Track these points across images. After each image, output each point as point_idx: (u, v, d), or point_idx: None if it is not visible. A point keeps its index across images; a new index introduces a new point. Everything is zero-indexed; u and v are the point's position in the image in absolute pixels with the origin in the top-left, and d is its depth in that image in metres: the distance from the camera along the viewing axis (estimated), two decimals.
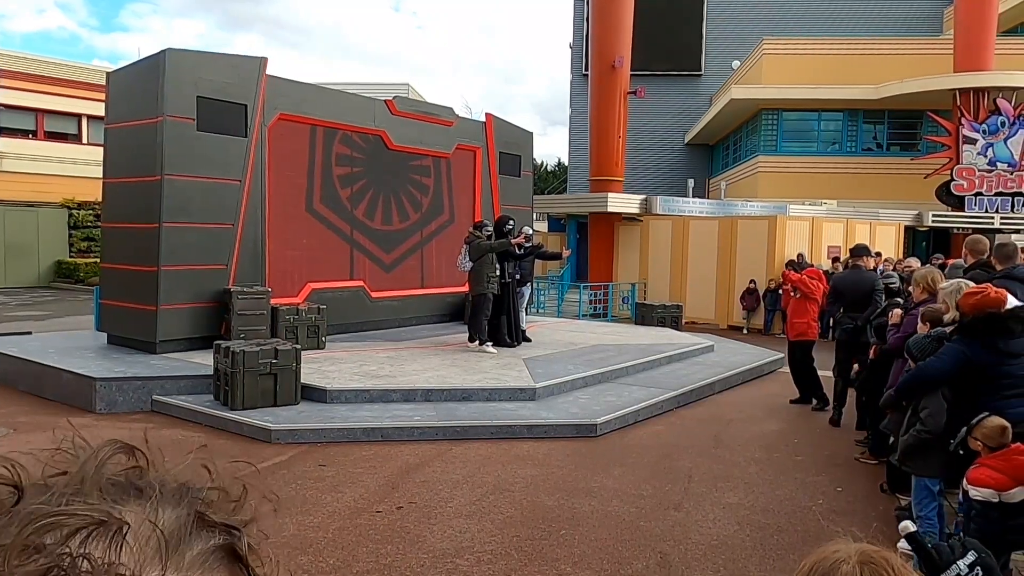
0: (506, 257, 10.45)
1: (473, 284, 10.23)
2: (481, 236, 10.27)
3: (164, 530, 0.45)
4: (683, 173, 32.55)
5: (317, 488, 5.56)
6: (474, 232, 10.44)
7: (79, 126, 25.88)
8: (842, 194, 24.45)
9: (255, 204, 10.04)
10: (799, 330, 8.88)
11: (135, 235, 9.37)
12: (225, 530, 0.48)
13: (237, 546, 0.48)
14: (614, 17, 20.73)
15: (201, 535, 0.47)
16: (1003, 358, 4.37)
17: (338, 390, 7.78)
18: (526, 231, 11.30)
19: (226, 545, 0.47)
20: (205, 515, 0.48)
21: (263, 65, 10.05)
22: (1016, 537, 3.83)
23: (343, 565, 4.32)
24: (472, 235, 10.38)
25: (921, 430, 4.49)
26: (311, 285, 10.97)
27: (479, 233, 10.36)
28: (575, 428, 7.26)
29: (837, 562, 0.97)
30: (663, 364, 10.39)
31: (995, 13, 23.39)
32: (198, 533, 0.46)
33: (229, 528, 0.48)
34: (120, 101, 9.69)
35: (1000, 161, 22.65)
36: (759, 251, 16.72)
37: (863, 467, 6.56)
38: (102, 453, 0.49)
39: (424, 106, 13.62)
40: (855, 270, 8.35)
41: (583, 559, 4.49)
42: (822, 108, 26.08)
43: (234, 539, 0.48)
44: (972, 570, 1.50)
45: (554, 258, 13.36)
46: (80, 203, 24.84)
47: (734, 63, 32.38)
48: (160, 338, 9.11)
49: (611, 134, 20.99)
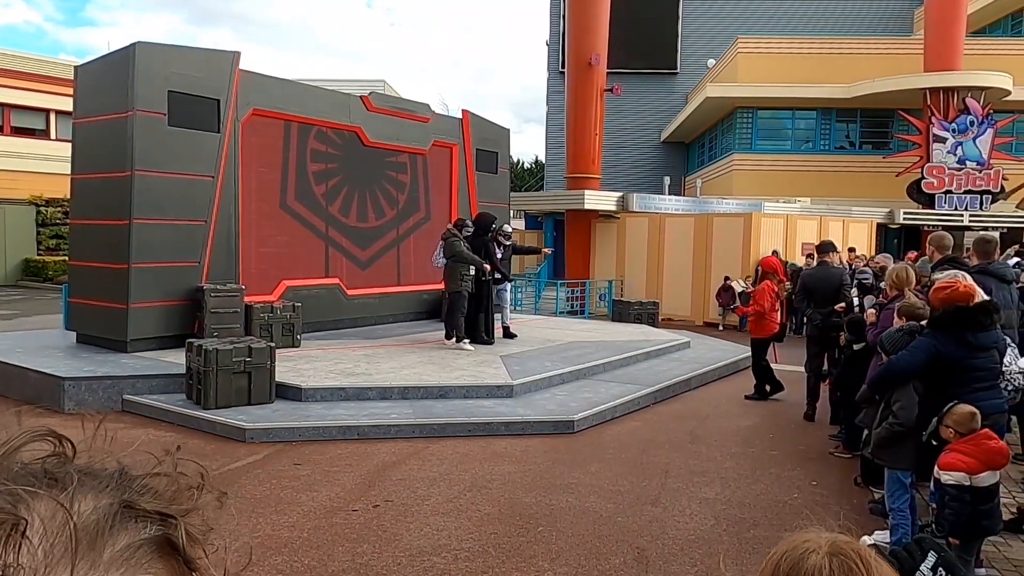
0: (486, 255, 10.42)
1: (448, 281, 10.18)
2: (459, 236, 10.18)
3: (78, 523, 0.40)
4: (659, 171, 32.72)
5: (292, 487, 5.49)
6: (452, 230, 10.36)
7: (47, 121, 25.37)
8: (816, 192, 24.74)
9: (228, 200, 9.91)
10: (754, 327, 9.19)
11: (105, 232, 9.20)
12: (159, 519, 0.44)
13: (172, 536, 0.44)
14: (591, 15, 20.77)
15: (128, 527, 0.42)
16: (972, 351, 4.43)
17: (313, 388, 7.70)
18: (506, 228, 11.33)
19: (159, 537, 0.43)
20: (135, 504, 0.43)
21: (236, 59, 9.91)
22: (988, 522, 3.89)
23: (319, 564, 4.27)
24: (450, 232, 10.29)
25: (893, 423, 4.54)
26: (286, 282, 10.85)
27: (458, 232, 10.26)
28: (552, 425, 7.25)
29: (807, 552, 0.97)
30: (640, 361, 10.43)
31: (964, 14, 23.79)
32: (124, 525, 0.42)
33: (164, 517, 0.44)
34: (89, 95, 9.50)
35: (969, 160, 23.07)
36: (734, 248, 16.85)
37: (837, 461, 6.62)
38: (15, 440, 0.44)
39: (400, 102, 13.53)
40: (822, 266, 8.49)
41: (561, 555, 4.48)
42: (796, 107, 26.37)
43: (169, 529, 0.44)
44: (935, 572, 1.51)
45: (532, 253, 13.41)
46: (48, 200, 24.35)
47: (709, 61, 32.60)
48: (131, 337, 8.95)
49: (588, 132, 21.04)
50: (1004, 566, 4.42)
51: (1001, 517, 4.07)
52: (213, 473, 0.51)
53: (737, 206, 20.95)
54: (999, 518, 4.01)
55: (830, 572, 0.93)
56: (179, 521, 0.45)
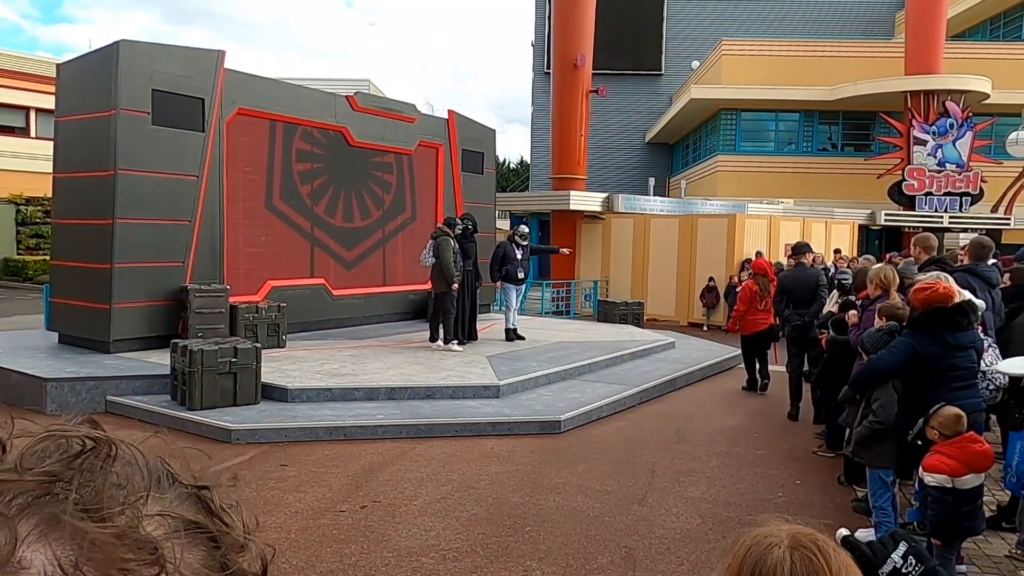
0: (465, 257, 10.40)
1: (436, 282, 10.12)
2: (451, 236, 10.13)
3: (147, 468, 0.47)
4: (644, 172, 32.88)
5: (279, 488, 5.47)
6: (443, 228, 10.25)
7: (27, 119, 25.05)
8: (798, 193, 24.95)
9: (213, 200, 9.84)
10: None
11: (87, 231, 9.11)
12: (195, 488, 0.50)
13: (206, 497, 0.49)
14: (576, 16, 20.83)
15: (175, 486, 0.49)
16: (951, 351, 4.50)
17: (300, 389, 7.68)
18: (521, 229, 11.33)
19: (196, 493, 0.49)
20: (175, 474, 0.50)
21: (221, 58, 9.85)
22: (969, 523, 3.95)
23: (306, 565, 4.26)
24: (441, 231, 10.18)
25: (873, 421, 4.61)
26: (271, 282, 10.79)
27: (449, 232, 10.17)
28: (539, 425, 7.27)
29: (769, 547, 1.00)
30: (625, 361, 10.47)
31: (944, 18, 24.09)
32: (171, 483, 0.49)
33: (198, 487, 0.50)
34: (71, 93, 9.40)
35: (949, 162, 23.35)
36: (719, 249, 16.96)
37: (821, 460, 6.70)
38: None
39: (386, 102, 13.51)
40: (799, 267, 8.66)
41: (548, 555, 4.50)
42: (779, 109, 26.58)
43: (203, 493, 0.50)
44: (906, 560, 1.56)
45: (551, 252, 13.40)
46: (28, 199, 24.06)
47: (694, 63, 32.80)
48: (114, 337, 8.87)
49: (573, 132, 21.09)
50: (984, 563, 4.50)
51: (984, 517, 4.13)
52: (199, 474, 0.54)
53: (721, 207, 21.08)
54: (982, 518, 4.07)
55: (791, 566, 0.97)
56: (212, 488, 0.50)
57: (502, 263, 10.97)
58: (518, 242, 11.05)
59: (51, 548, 0.40)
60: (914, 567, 1.56)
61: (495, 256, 11.15)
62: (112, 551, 0.41)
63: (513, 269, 10.95)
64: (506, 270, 10.96)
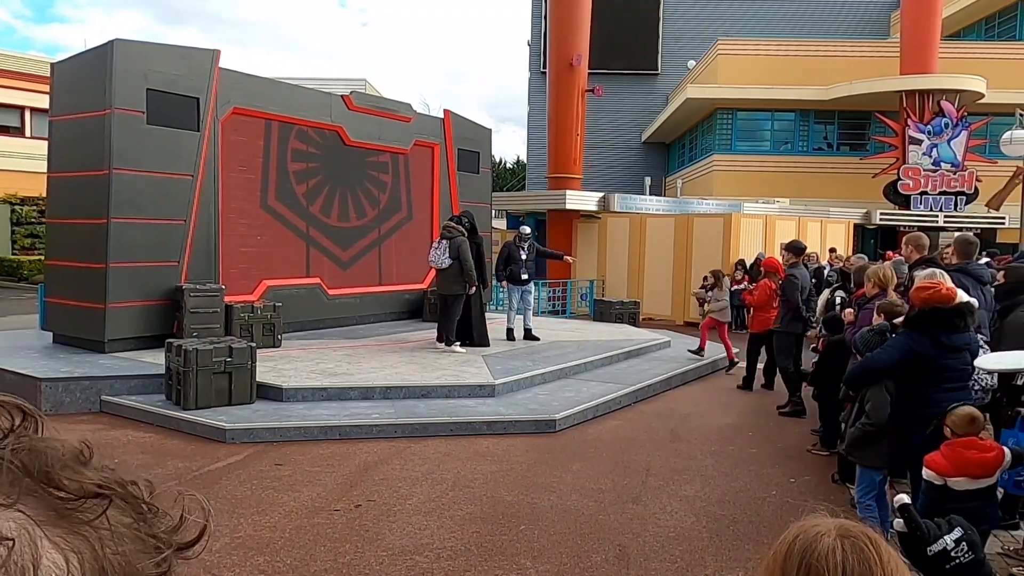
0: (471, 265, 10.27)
1: (451, 283, 9.81)
2: (463, 231, 9.95)
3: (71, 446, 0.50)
4: (640, 171, 32.90)
5: (273, 488, 5.47)
6: (459, 228, 9.98)
7: (22, 119, 25.00)
8: (794, 192, 24.99)
9: (208, 200, 9.83)
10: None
11: (82, 231, 9.10)
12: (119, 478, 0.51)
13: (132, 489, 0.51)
14: (572, 16, 20.83)
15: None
16: (945, 352, 4.51)
17: (295, 388, 7.67)
18: (523, 230, 11.32)
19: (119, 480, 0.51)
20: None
21: (216, 57, 9.84)
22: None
23: (300, 564, 4.26)
24: (457, 231, 9.90)
25: (865, 423, 4.63)
26: (266, 282, 10.78)
27: (465, 232, 9.98)
28: (534, 424, 7.28)
29: (818, 535, 1.01)
30: (621, 360, 10.48)
31: (939, 18, 24.15)
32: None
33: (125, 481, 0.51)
34: (65, 93, 9.39)
35: (944, 161, 23.41)
36: (714, 248, 16.98)
37: (815, 459, 6.71)
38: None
39: (382, 102, 13.50)
40: (795, 266, 8.79)
41: (542, 553, 4.50)
42: (775, 108, 26.61)
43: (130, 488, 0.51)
44: (958, 545, 1.56)
45: (555, 258, 13.23)
46: (23, 198, 23.99)
47: (690, 63, 32.82)
48: (109, 337, 8.86)
49: (569, 132, 21.09)
50: None
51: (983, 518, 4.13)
52: (193, 474, 0.56)
53: (717, 206, 21.11)
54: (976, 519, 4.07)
55: (843, 553, 0.97)
56: (139, 483, 0.52)
57: (506, 263, 10.99)
58: (520, 244, 11.06)
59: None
60: (964, 553, 1.55)
61: (500, 256, 11.21)
62: (51, 497, 0.45)
63: (517, 270, 10.95)
64: (510, 270, 10.99)
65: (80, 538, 0.45)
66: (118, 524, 0.47)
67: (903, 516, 1.57)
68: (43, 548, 0.43)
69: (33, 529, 0.43)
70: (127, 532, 0.47)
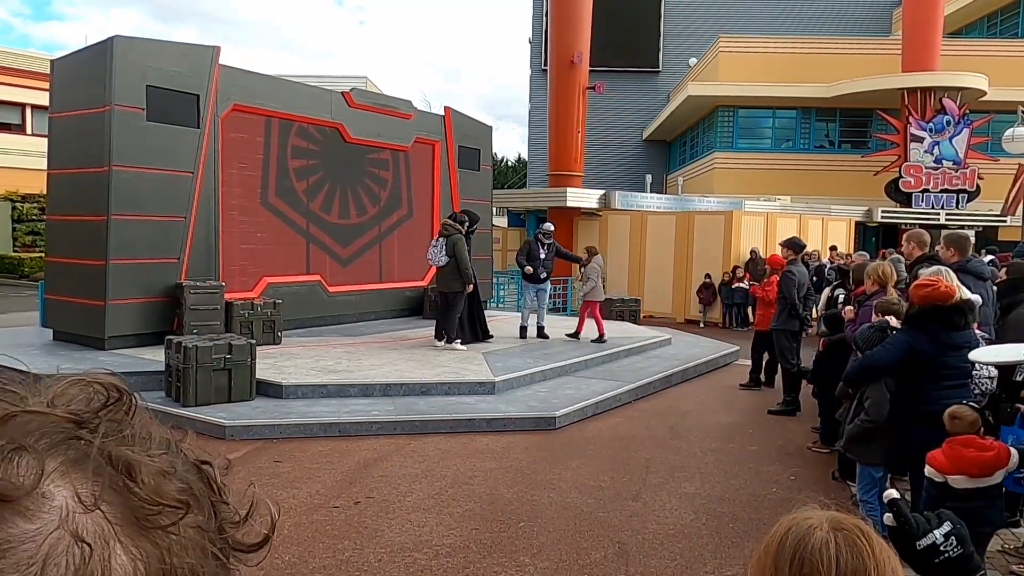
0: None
1: (450, 281, 9.79)
2: (461, 230, 9.96)
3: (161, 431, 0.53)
4: (641, 169, 32.86)
5: (273, 484, 5.46)
6: (455, 225, 9.97)
7: (22, 116, 25.00)
8: (795, 190, 24.95)
9: (208, 197, 9.82)
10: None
11: (82, 228, 9.09)
12: (197, 461, 0.55)
13: (208, 473, 0.54)
14: (573, 13, 20.80)
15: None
16: (945, 350, 4.49)
17: (294, 385, 7.67)
18: (546, 227, 11.28)
19: (197, 465, 0.53)
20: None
21: (216, 54, 9.82)
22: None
23: (299, 561, 4.26)
24: (454, 229, 9.89)
25: (864, 420, 4.62)
26: (266, 279, 10.78)
27: (462, 229, 9.96)
28: (534, 421, 7.27)
29: (810, 529, 0.99)
30: (621, 357, 10.47)
31: (941, 15, 24.09)
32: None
33: (200, 461, 0.55)
34: (65, 90, 9.38)
35: (945, 159, 23.37)
36: (715, 246, 16.97)
37: (815, 456, 6.71)
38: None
39: (382, 99, 13.48)
40: (795, 263, 8.77)
41: (542, 550, 4.50)
42: (776, 106, 26.57)
43: (205, 468, 0.55)
44: (947, 539, 1.55)
45: (574, 260, 13.08)
46: (24, 196, 23.98)
47: (691, 60, 32.77)
48: (109, 334, 8.86)
49: (570, 129, 21.07)
50: None
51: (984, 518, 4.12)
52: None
53: (718, 204, 21.08)
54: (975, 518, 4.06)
55: (836, 546, 0.96)
56: (213, 464, 0.55)
57: (527, 259, 10.97)
58: (542, 240, 11.02)
59: (72, 485, 0.42)
60: (953, 548, 1.54)
61: (520, 251, 11.26)
62: (132, 498, 0.44)
63: (535, 267, 10.92)
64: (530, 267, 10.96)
65: (151, 544, 0.44)
66: (187, 529, 0.47)
67: (892, 510, 1.56)
68: (115, 555, 0.42)
69: (110, 533, 0.42)
70: (195, 536, 0.47)
